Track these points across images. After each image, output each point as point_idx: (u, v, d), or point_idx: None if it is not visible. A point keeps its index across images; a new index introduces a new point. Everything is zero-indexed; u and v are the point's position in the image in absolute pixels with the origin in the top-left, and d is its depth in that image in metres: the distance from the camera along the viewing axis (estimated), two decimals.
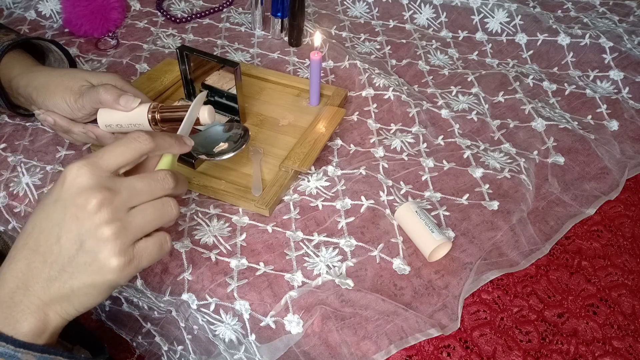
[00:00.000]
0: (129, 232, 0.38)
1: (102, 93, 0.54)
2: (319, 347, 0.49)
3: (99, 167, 0.38)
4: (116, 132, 0.57)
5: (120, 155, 0.39)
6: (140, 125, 0.56)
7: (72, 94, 0.56)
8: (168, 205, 0.40)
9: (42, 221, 0.38)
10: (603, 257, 0.56)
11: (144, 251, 0.39)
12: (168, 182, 0.40)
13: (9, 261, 0.38)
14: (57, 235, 0.37)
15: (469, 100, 0.75)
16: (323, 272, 0.53)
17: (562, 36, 0.83)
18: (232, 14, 0.94)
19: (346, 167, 0.64)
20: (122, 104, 0.54)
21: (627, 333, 0.50)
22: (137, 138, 0.40)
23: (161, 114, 0.55)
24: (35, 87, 0.57)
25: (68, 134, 0.59)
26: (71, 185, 0.37)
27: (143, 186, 0.39)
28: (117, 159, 0.39)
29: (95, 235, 0.36)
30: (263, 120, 0.70)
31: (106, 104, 0.55)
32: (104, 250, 0.37)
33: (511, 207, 0.59)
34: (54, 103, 0.56)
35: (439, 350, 0.48)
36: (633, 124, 0.71)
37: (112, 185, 0.37)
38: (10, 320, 0.37)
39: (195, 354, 0.60)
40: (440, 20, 0.91)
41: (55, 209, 0.37)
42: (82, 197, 0.36)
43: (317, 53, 0.67)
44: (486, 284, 0.53)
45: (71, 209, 0.36)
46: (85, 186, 0.37)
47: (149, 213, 0.39)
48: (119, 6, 0.88)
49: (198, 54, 0.66)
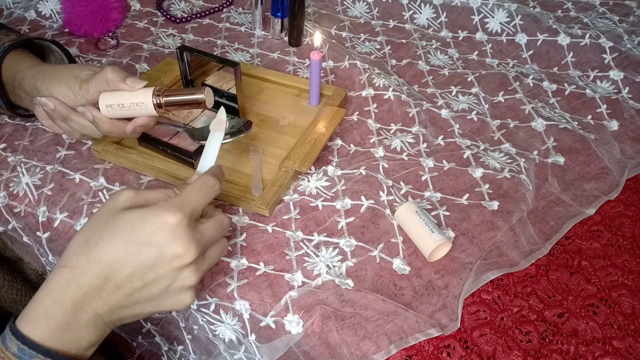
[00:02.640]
0: (201, 274, 0.43)
1: (110, 72, 0.55)
2: (319, 347, 0.49)
3: (191, 218, 0.41)
4: (117, 114, 0.57)
5: (202, 203, 0.43)
6: (143, 104, 0.55)
7: (77, 81, 0.57)
8: (225, 245, 0.46)
9: (128, 259, 0.39)
10: (603, 257, 0.56)
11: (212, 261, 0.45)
12: (228, 224, 0.46)
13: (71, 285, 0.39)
14: (143, 276, 0.40)
15: (469, 100, 0.75)
16: (323, 272, 0.53)
17: (562, 36, 0.83)
18: (232, 14, 0.94)
19: (346, 167, 0.64)
20: (128, 84, 0.55)
21: (627, 333, 0.50)
22: (212, 186, 0.44)
23: (166, 98, 0.55)
24: (42, 76, 0.58)
25: (66, 122, 0.58)
26: (168, 233, 0.39)
27: (215, 234, 0.43)
28: (199, 207, 0.43)
29: (182, 285, 0.41)
30: (263, 120, 0.70)
31: (112, 83, 0.55)
32: (185, 296, 0.42)
33: (511, 207, 0.59)
34: (58, 90, 0.57)
35: (439, 350, 0.48)
36: (633, 124, 0.71)
37: (199, 238, 0.41)
38: (73, 340, 0.39)
39: (195, 354, 0.60)
40: (440, 20, 0.91)
41: (150, 251, 0.39)
42: (179, 249, 0.39)
43: (317, 53, 0.67)
44: (486, 284, 0.53)
45: (167, 257, 0.39)
46: (184, 239, 0.39)
47: (215, 257, 0.45)
48: (119, 6, 0.88)
49: (198, 54, 0.66)
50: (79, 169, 0.64)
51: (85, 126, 0.58)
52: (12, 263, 0.72)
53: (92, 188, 0.62)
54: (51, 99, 0.56)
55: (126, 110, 0.56)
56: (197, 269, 0.42)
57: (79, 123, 0.58)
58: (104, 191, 0.61)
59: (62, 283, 0.39)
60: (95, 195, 0.61)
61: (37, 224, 0.61)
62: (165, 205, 0.40)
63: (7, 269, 0.67)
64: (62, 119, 0.58)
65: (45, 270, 0.68)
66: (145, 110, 0.56)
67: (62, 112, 0.57)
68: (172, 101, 0.56)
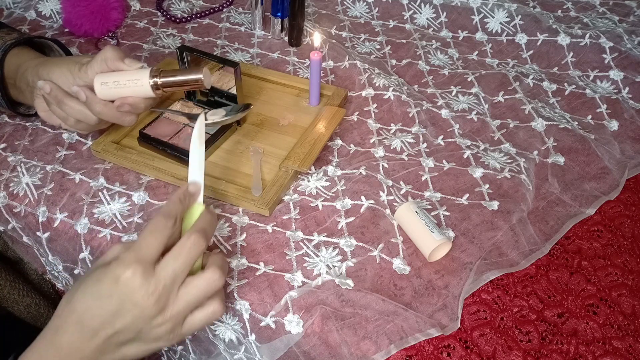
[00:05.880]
0: (181, 316, 0.43)
1: (109, 50, 0.56)
2: (319, 347, 0.49)
3: (147, 265, 0.42)
4: (111, 93, 0.56)
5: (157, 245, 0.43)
6: (138, 81, 0.55)
7: (77, 64, 0.58)
8: (212, 277, 0.43)
9: (95, 309, 0.42)
10: (603, 257, 0.56)
11: (193, 326, 0.44)
12: (200, 245, 0.43)
13: (58, 331, 0.42)
14: (112, 324, 0.41)
15: (469, 100, 0.75)
16: (323, 272, 0.53)
17: (562, 36, 0.83)
18: (232, 14, 0.94)
19: (346, 167, 0.64)
20: (126, 63, 0.57)
21: (627, 333, 0.50)
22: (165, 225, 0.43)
23: (164, 78, 0.56)
24: (44, 64, 0.59)
25: (60, 107, 0.58)
26: (124, 286, 0.41)
27: (182, 266, 0.42)
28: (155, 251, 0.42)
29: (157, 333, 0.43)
30: (263, 120, 0.70)
31: (111, 61, 0.56)
32: (160, 340, 0.43)
33: (511, 207, 0.59)
34: (58, 74, 0.58)
35: (439, 350, 0.48)
36: (633, 124, 0.71)
37: (158, 279, 0.41)
38: None
39: (195, 354, 0.60)
40: (440, 20, 0.91)
41: (110, 303, 0.41)
42: (136, 298, 0.41)
43: (317, 53, 0.67)
44: (486, 284, 0.53)
45: (128, 306, 0.41)
46: (139, 289, 0.41)
47: (193, 293, 0.43)
48: (119, 6, 0.88)
49: (198, 54, 0.66)
50: (79, 169, 0.64)
51: (78, 110, 0.58)
52: (14, 264, 0.72)
53: (92, 188, 0.62)
54: (48, 82, 0.57)
55: (121, 89, 0.56)
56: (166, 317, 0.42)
57: (73, 107, 0.58)
58: (104, 191, 0.61)
59: (52, 329, 0.43)
60: (95, 195, 0.61)
61: (37, 224, 0.61)
62: (119, 260, 0.42)
63: (8, 270, 0.67)
64: (57, 103, 0.58)
65: (45, 271, 0.68)
66: (140, 88, 0.56)
67: (57, 95, 0.57)
68: (170, 82, 0.56)
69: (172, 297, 0.42)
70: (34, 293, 0.67)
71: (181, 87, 0.57)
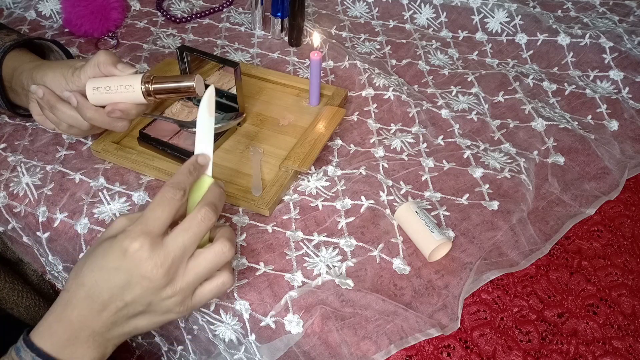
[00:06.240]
0: (190, 288, 0.43)
1: (102, 54, 0.56)
2: (319, 347, 0.49)
3: (155, 237, 0.42)
4: (103, 99, 0.56)
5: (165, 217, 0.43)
6: (130, 87, 0.55)
7: (71, 68, 0.57)
8: (222, 249, 0.44)
9: (103, 282, 0.42)
10: (603, 257, 0.56)
11: (203, 297, 0.45)
12: (210, 218, 0.43)
13: (68, 306, 0.42)
14: (121, 296, 0.42)
15: (469, 100, 0.75)
16: (323, 272, 0.53)
17: (562, 36, 0.83)
18: (232, 14, 0.94)
19: (346, 167, 0.64)
20: (119, 68, 0.56)
21: (627, 333, 0.50)
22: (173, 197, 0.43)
23: (155, 85, 0.55)
24: (39, 68, 0.59)
25: (52, 111, 0.58)
26: (132, 259, 0.41)
27: (191, 238, 0.42)
28: (162, 223, 0.42)
29: (167, 305, 0.43)
30: (263, 120, 0.70)
31: (104, 66, 0.56)
32: (170, 313, 0.44)
33: (511, 207, 0.59)
34: (52, 78, 0.57)
35: (439, 350, 0.48)
36: (633, 124, 0.71)
37: (167, 251, 0.41)
38: (76, 354, 0.42)
39: (195, 354, 0.60)
40: (440, 20, 0.91)
41: (119, 276, 0.41)
42: (145, 270, 0.41)
43: (317, 53, 0.67)
44: (486, 284, 0.53)
45: (136, 279, 0.41)
46: (148, 261, 0.41)
47: (203, 265, 0.43)
48: (119, 6, 0.88)
49: (198, 54, 0.66)
50: (79, 169, 0.64)
51: (70, 115, 0.58)
52: (13, 265, 0.72)
53: (92, 188, 0.62)
54: (41, 87, 0.57)
55: (113, 94, 0.55)
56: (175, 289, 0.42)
57: (64, 112, 0.57)
58: (104, 191, 0.61)
59: (62, 304, 0.43)
60: (95, 195, 0.61)
61: (37, 224, 0.61)
62: (126, 232, 0.42)
63: (8, 271, 0.67)
64: (49, 108, 0.58)
65: (45, 271, 0.68)
66: (132, 94, 0.55)
67: (49, 100, 0.57)
68: (162, 88, 0.55)
69: (182, 269, 0.42)
70: (34, 294, 0.67)
71: (173, 94, 0.56)
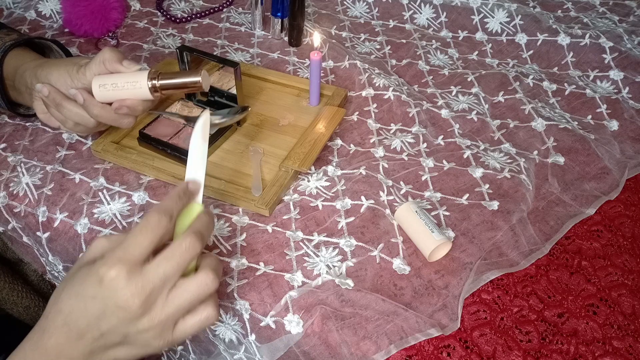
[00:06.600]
0: (170, 321, 0.41)
1: (107, 51, 0.56)
2: (319, 347, 0.49)
3: (133, 266, 0.39)
4: (109, 96, 0.56)
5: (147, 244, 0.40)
6: (137, 83, 0.55)
7: (75, 66, 0.57)
8: (205, 280, 0.41)
9: (80, 311, 0.40)
10: (603, 257, 0.56)
11: (184, 332, 0.42)
12: (195, 248, 0.41)
13: (45, 334, 0.41)
14: (97, 326, 0.40)
15: (469, 100, 0.75)
16: (323, 272, 0.53)
17: (562, 36, 0.83)
18: (232, 14, 0.94)
19: (346, 167, 0.64)
20: (124, 65, 0.56)
21: (627, 333, 0.50)
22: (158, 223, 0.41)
23: (162, 81, 0.55)
24: (42, 65, 0.59)
25: (58, 109, 0.58)
26: (107, 287, 0.39)
27: (174, 268, 0.40)
28: (144, 251, 0.40)
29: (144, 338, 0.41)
30: (263, 120, 0.70)
31: (109, 63, 0.56)
32: (149, 346, 0.41)
33: (511, 207, 0.59)
34: (57, 76, 0.57)
35: (439, 350, 0.48)
36: (633, 124, 0.71)
37: (146, 280, 0.39)
38: None
39: (195, 354, 0.60)
40: (440, 20, 0.91)
41: (95, 305, 0.39)
42: (120, 300, 0.39)
43: (317, 53, 0.67)
44: (486, 284, 0.53)
45: (111, 309, 0.39)
46: (124, 291, 0.39)
47: (184, 297, 0.41)
48: (119, 6, 0.88)
49: (198, 54, 0.66)
50: (79, 169, 0.64)
51: (76, 113, 0.58)
52: (13, 265, 0.72)
53: (92, 188, 0.62)
54: (46, 85, 0.57)
55: (119, 91, 0.55)
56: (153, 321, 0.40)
57: (71, 110, 0.57)
58: (104, 191, 0.61)
59: (39, 331, 0.41)
60: (95, 195, 0.61)
61: (37, 224, 0.61)
62: (105, 259, 0.40)
63: (7, 271, 0.67)
64: (55, 106, 0.58)
65: (45, 271, 0.68)
66: (139, 91, 0.55)
67: (55, 98, 0.57)
68: (168, 84, 0.55)
69: (161, 300, 0.40)
70: (33, 294, 0.67)
71: (179, 90, 0.57)
